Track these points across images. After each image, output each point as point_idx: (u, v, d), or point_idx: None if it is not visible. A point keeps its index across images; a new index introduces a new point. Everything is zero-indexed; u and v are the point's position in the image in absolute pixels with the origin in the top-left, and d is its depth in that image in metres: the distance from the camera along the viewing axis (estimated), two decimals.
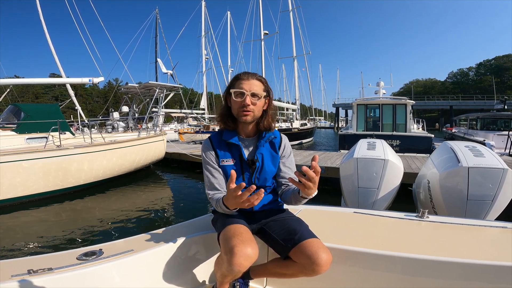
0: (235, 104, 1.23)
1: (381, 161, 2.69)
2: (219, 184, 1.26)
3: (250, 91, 1.20)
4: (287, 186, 1.29)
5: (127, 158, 7.34)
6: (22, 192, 5.33)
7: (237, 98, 1.21)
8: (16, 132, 6.27)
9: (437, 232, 1.36)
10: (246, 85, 1.21)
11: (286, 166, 1.35)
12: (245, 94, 1.19)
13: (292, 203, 1.21)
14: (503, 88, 50.57)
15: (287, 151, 1.37)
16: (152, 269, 1.21)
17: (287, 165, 1.35)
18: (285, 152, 1.36)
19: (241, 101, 1.20)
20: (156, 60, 28.31)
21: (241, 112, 1.22)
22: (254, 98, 1.21)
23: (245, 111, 1.21)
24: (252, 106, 1.21)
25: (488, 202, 2.20)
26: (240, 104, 1.21)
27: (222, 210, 1.16)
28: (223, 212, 1.19)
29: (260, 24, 23.00)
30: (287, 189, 1.27)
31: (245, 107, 1.20)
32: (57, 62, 11.31)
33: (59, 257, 1.11)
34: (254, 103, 1.22)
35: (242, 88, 1.20)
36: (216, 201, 1.18)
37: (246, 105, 1.19)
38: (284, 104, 25.37)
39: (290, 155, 1.38)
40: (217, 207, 1.19)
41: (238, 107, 1.22)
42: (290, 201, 1.22)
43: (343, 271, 1.20)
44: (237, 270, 0.98)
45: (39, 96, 46.49)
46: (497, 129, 11.67)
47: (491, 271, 1.03)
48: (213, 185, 1.25)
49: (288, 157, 1.37)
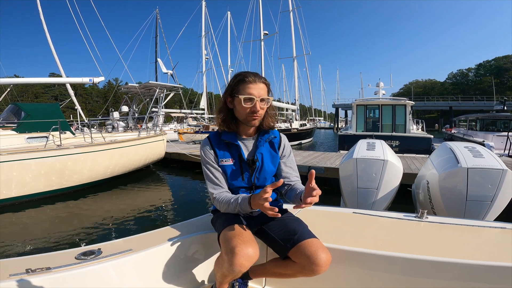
0: (242, 110, 1.21)
1: (381, 162, 2.68)
2: (221, 182, 1.25)
3: (260, 96, 1.19)
4: (290, 186, 1.30)
5: (127, 158, 7.33)
6: (22, 192, 5.32)
7: (246, 104, 1.20)
8: (16, 131, 6.26)
9: (436, 232, 1.36)
10: (254, 90, 1.19)
11: (288, 165, 1.35)
12: (255, 100, 1.19)
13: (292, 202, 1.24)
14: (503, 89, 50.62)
15: (287, 151, 1.37)
16: (151, 269, 1.20)
17: (288, 165, 1.35)
18: (285, 152, 1.36)
19: (251, 107, 1.19)
20: (156, 60, 28.30)
21: (250, 117, 1.21)
22: (263, 103, 1.22)
23: (255, 116, 1.21)
24: (261, 111, 1.22)
25: (487, 203, 2.20)
26: (249, 110, 1.20)
27: (238, 209, 1.15)
28: (232, 211, 1.19)
29: (260, 24, 23.00)
30: (291, 189, 1.28)
31: (255, 113, 1.20)
32: (57, 61, 11.32)
33: (58, 257, 1.10)
34: (263, 108, 1.22)
35: (252, 94, 1.19)
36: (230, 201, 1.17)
37: (257, 111, 1.19)
38: (283, 104, 25.35)
39: (290, 155, 1.38)
40: (227, 205, 1.18)
41: (247, 113, 1.21)
42: (293, 202, 1.23)
43: (342, 271, 1.20)
44: (238, 270, 0.98)
45: (38, 96, 46.43)
46: (496, 130, 11.67)
47: (490, 271, 1.03)
48: (216, 184, 1.25)
49: (288, 156, 1.37)
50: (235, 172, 1.26)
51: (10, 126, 6.53)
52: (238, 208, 1.15)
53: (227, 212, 1.23)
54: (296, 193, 1.21)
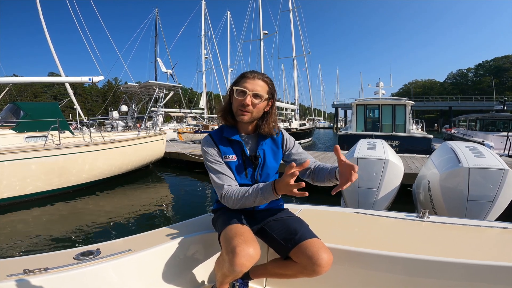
0: (235, 102, 1.21)
1: (382, 161, 2.68)
2: (229, 174, 1.22)
3: (253, 91, 1.17)
4: (310, 170, 1.29)
5: (126, 158, 7.31)
6: (21, 191, 5.30)
7: (239, 97, 1.19)
8: (15, 130, 6.24)
9: (438, 232, 1.35)
10: (249, 85, 1.18)
11: (299, 152, 1.36)
12: (247, 94, 1.17)
13: (326, 184, 1.22)
14: (502, 89, 50.73)
15: (291, 142, 1.37)
16: (151, 269, 1.19)
17: (300, 151, 1.37)
18: (289, 144, 1.36)
19: (241, 100, 1.18)
20: (156, 59, 28.27)
21: (239, 111, 1.20)
22: (256, 99, 1.19)
23: (243, 110, 1.19)
24: (251, 107, 1.18)
25: (488, 203, 2.20)
26: (240, 102, 1.19)
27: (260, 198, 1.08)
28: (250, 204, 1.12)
29: (260, 24, 22.99)
30: (317, 171, 1.26)
31: (244, 107, 1.18)
32: (56, 61, 11.28)
33: (56, 257, 1.09)
34: (254, 104, 1.19)
35: (245, 87, 1.18)
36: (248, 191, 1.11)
37: (246, 105, 1.17)
38: (283, 104, 25.37)
39: (296, 144, 1.39)
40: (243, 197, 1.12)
41: (237, 106, 1.20)
42: (323, 181, 1.22)
43: (344, 272, 1.19)
44: (239, 271, 0.97)
45: (38, 95, 46.38)
46: (496, 130, 11.71)
47: (492, 271, 1.02)
48: (224, 175, 1.20)
49: (295, 146, 1.37)
50: (238, 169, 1.25)
51: (9, 125, 6.50)
52: (259, 196, 1.07)
53: (230, 211, 1.22)
54: (327, 172, 1.19)
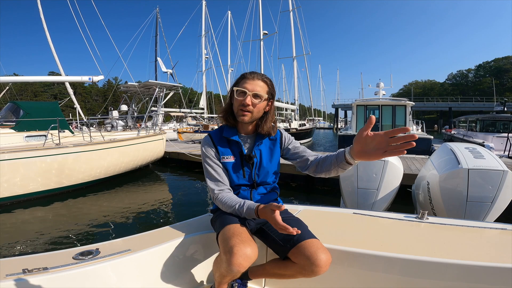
0: (236, 103, 1.23)
1: (381, 162, 2.68)
2: (222, 178, 1.25)
3: (253, 91, 1.19)
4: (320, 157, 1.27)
5: (126, 157, 7.32)
6: (20, 191, 5.30)
7: (239, 97, 1.21)
8: (15, 130, 6.24)
9: (437, 233, 1.35)
10: (249, 85, 1.20)
11: (296, 146, 1.36)
12: (247, 94, 1.19)
13: (332, 172, 1.18)
14: (503, 90, 50.79)
15: (289, 139, 1.38)
16: (150, 269, 1.19)
17: (297, 146, 1.37)
18: (287, 140, 1.37)
19: (241, 100, 1.20)
20: (156, 59, 28.29)
21: (240, 111, 1.21)
22: (256, 99, 1.20)
23: (244, 111, 1.20)
24: (251, 107, 1.20)
25: (487, 204, 2.20)
26: (240, 103, 1.20)
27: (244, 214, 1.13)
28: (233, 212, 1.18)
29: (260, 24, 23.00)
30: (324, 158, 1.23)
31: (244, 107, 1.19)
32: (56, 60, 11.28)
33: (55, 257, 1.09)
34: (255, 104, 1.21)
35: (245, 87, 1.20)
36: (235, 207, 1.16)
37: (246, 105, 1.19)
38: (283, 104, 25.39)
39: (294, 140, 1.39)
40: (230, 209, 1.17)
41: (238, 106, 1.21)
42: (329, 169, 1.18)
43: (342, 272, 1.19)
44: (236, 270, 0.97)
45: (37, 94, 46.36)
46: (496, 131, 11.70)
47: (490, 272, 1.02)
48: (216, 180, 1.24)
49: (292, 142, 1.37)
50: (236, 169, 1.27)
51: (9, 125, 6.51)
52: (243, 215, 1.14)
53: (227, 212, 1.22)
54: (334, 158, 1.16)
